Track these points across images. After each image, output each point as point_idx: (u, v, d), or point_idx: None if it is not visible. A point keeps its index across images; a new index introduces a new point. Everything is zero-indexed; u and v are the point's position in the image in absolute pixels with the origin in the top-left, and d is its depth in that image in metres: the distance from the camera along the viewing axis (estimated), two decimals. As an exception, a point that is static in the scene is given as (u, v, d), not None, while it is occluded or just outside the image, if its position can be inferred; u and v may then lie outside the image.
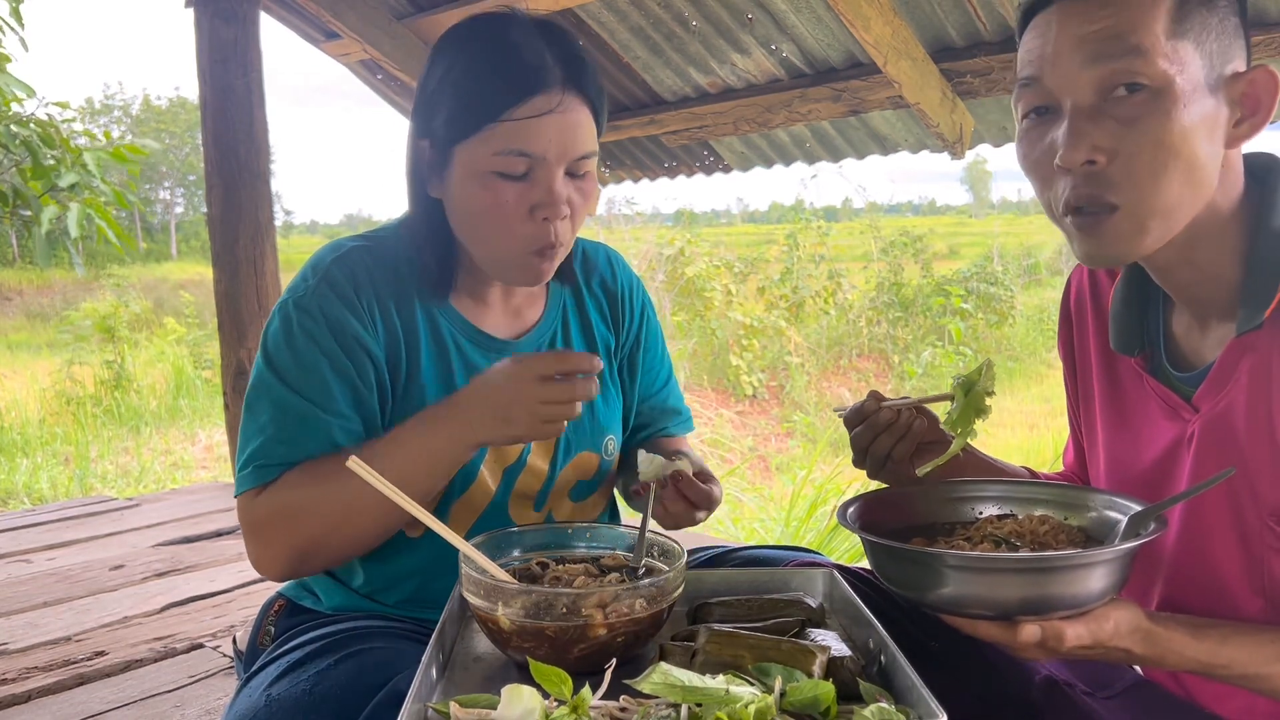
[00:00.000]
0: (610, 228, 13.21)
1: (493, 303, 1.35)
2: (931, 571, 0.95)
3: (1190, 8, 0.98)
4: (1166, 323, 1.15)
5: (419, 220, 1.28)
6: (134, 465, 7.77)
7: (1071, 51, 1.01)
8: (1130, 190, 1.00)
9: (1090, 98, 1.01)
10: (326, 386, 1.21)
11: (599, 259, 1.48)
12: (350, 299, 1.24)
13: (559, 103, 1.17)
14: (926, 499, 1.18)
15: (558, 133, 1.18)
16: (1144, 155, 0.99)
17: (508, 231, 1.21)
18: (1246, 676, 0.97)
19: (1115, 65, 0.99)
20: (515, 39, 1.19)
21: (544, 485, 1.37)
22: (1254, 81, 1.00)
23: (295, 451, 1.20)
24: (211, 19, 3.46)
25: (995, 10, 2.98)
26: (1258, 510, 1.02)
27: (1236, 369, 1.03)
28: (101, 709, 2.06)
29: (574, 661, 0.95)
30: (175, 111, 35.46)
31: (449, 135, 1.20)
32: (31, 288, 19.03)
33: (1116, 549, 0.92)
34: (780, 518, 4.80)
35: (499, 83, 1.17)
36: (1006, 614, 0.92)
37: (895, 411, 1.22)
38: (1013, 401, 10.51)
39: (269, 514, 1.19)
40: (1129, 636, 0.94)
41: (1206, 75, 0.99)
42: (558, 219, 1.20)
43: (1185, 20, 0.98)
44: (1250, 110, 1.01)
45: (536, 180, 1.19)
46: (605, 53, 3.81)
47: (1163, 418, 1.12)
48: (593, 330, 1.44)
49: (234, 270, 3.60)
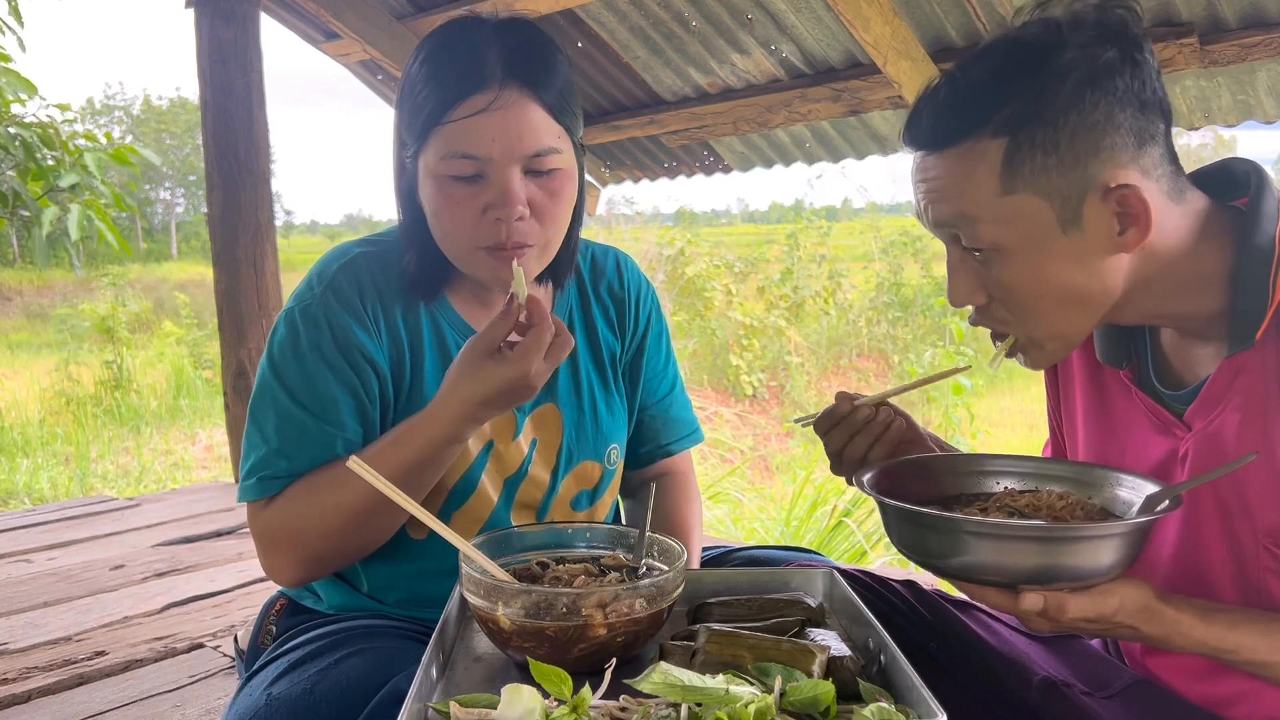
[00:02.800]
0: (610, 228, 13.21)
1: (497, 308, 1.33)
2: (943, 536, 0.95)
3: (1022, 159, 0.96)
4: (1153, 337, 1.14)
5: (408, 226, 1.28)
6: (134, 465, 7.77)
7: (926, 204, 1.04)
8: (1016, 326, 1.04)
9: (954, 248, 1.04)
10: (329, 398, 1.21)
11: (608, 263, 1.46)
12: (355, 307, 1.24)
13: (495, 99, 1.14)
14: (947, 470, 1.18)
15: (500, 130, 1.15)
16: (1010, 300, 1.02)
17: (463, 232, 1.20)
18: (1253, 663, 0.97)
19: (948, 228, 1.02)
20: (461, 41, 1.18)
21: (546, 495, 1.36)
22: (1124, 199, 0.96)
23: (298, 464, 1.21)
24: (211, 19, 3.46)
25: (995, 10, 2.98)
26: (1253, 532, 1.02)
27: (1230, 389, 1.02)
28: (101, 709, 2.06)
29: (574, 661, 0.95)
30: (175, 112, 35.47)
31: (411, 142, 1.21)
32: (31, 288, 19.03)
33: (1125, 523, 0.92)
34: (780, 518, 4.80)
35: (437, 85, 1.16)
36: (1014, 582, 0.92)
37: (873, 409, 1.21)
38: (1012, 401, 10.50)
39: (276, 528, 1.21)
40: (1136, 614, 0.93)
41: (1061, 212, 0.97)
42: (513, 219, 1.17)
43: (1017, 174, 0.96)
44: (1131, 220, 0.97)
45: (490, 181, 1.17)
46: (605, 53, 3.81)
47: (1153, 432, 1.11)
48: (598, 337, 1.42)
49: (234, 270, 3.60)
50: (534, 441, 1.34)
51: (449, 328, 1.31)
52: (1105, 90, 0.95)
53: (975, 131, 0.98)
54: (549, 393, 1.35)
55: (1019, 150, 0.96)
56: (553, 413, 1.36)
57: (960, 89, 1.00)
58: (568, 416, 1.36)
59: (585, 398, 1.38)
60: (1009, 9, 2.92)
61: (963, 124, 0.99)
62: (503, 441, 1.31)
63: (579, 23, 3.65)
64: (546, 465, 1.35)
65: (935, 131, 1.02)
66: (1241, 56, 2.76)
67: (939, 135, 1.01)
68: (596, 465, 1.39)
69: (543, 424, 1.35)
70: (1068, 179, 0.96)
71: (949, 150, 1.00)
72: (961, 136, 0.99)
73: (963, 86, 1.00)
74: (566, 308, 1.41)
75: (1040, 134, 0.95)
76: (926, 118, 1.02)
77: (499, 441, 1.31)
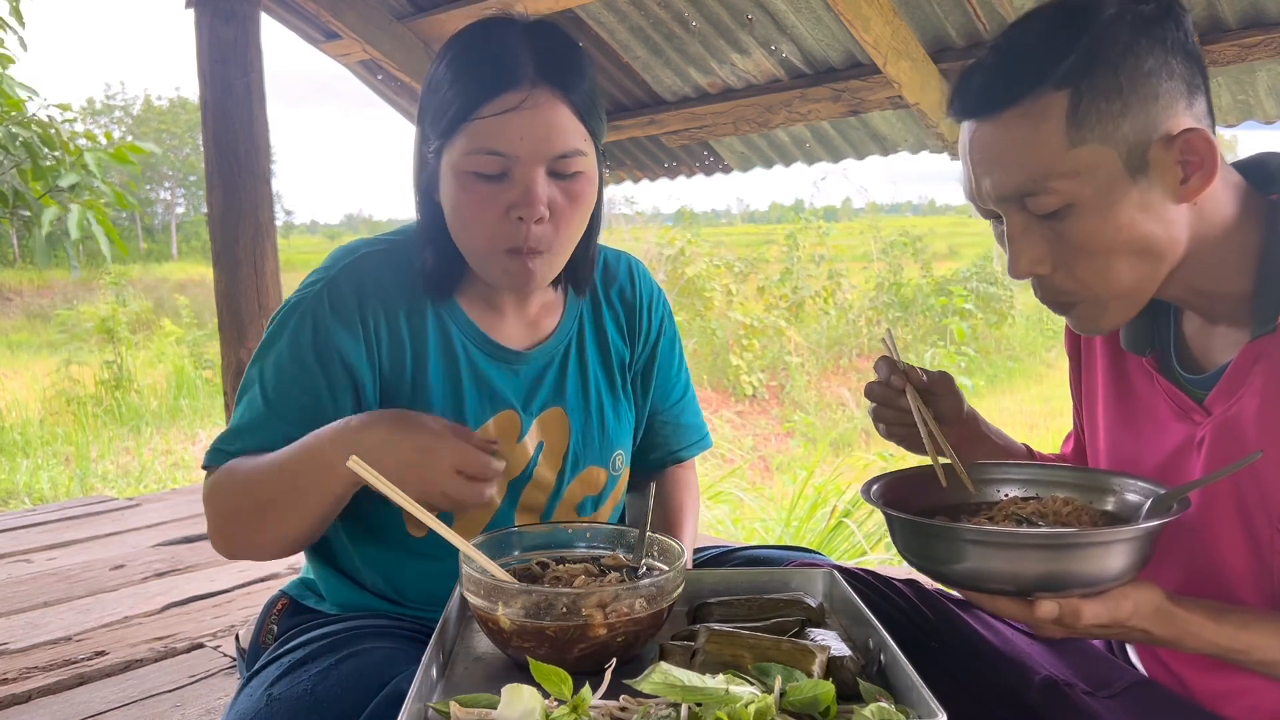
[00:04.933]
0: (610, 228, 13.22)
1: (507, 312, 1.34)
2: (952, 546, 0.95)
3: (1087, 109, 0.95)
4: (1176, 323, 1.15)
5: (425, 224, 1.28)
6: (134, 465, 7.77)
7: (983, 176, 1.02)
8: (1081, 290, 1.02)
9: (1016, 216, 1.02)
10: (289, 396, 1.23)
11: (620, 269, 1.45)
12: (349, 312, 1.24)
13: (526, 98, 1.14)
14: (956, 481, 1.17)
15: (529, 129, 1.15)
16: (1081, 263, 1.00)
17: (483, 231, 1.19)
18: (1265, 663, 0.97)
19: (1018, 194, 0.99)
20: (493, 39, 1.18)
21: (550, 499, 1.36)
22: (1189, 142, 0.96)
23: (245, 447, 1.23)
24: (211, 19, 3.46)
25: (995, 10, 2.98)
26: (1268, 517, 1.02)
27: (1250, 374, 1.02)
28: (102, 709, 2.06)
29: (574, 661, 0.95)
30: (175, 112, 35.45)
31: (436, 138, 1.20)
32: (31, 288, 19.02)
33: (1136, 528, 0.92)
34: (780, 518, 4.80)
35: (468, 82, 1.16)
36: (1025, 590, 0.92)
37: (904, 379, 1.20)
38: (1012, 401, 10.50)
39: (207, 499, 1.24)
40: (1148, 617, 0.93)
41: (1129, 160, 0.96)
42: (533, 220, 1.17)
43: (1083, 124, 0.96)
44: (1195, 167, 0.97)
45: (514, 180, 1.17)
46: (605, 53, 3.81)
47: (1172, 418, 1.12)
48: (608, 343, 1.41)
49: (234, 270, 3.60)
50: (540, 444, 1.34)
51: (456, 329, 1.30)
52: (1156, 38, 0.95)
53: (1037, 87, 0.96)
54: (557, 396, 1.35)
55: (1082, 100, 0.95)
56: (560, 416, 1.35)
57: (1012, 51, 0.99)
58: (575, 421, 1.36)
59: (593, 403, 1.38)
60: (1009, 9, 2.92)
61: (1023, 81, 0.97)
62: (508, 445, 1.31)
63: (579, 23, 3.65)
64: (552, 469, 1.35)
65: (992, 93, 0.99)
66: (1241, 56, 2.76)
67: (997, 97, 0.99)
68: (602, 471, 1.39)
69: (549, 427, 1.35)
70: (1133, 124, 0.96)
71: (1009, 111, 0.98)
72: (1023, 94, 0.97)
73: (1014, 48, 0.99)
74: (577, 313, 1.40)
75: (1102, 81, 0.95)
76: (980, 82, 1.01)
77: (504, 445, 1.30)
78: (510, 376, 1.32)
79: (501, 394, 1.31)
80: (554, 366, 1.36)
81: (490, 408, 1.30)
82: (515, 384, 1.32)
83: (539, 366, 1.34)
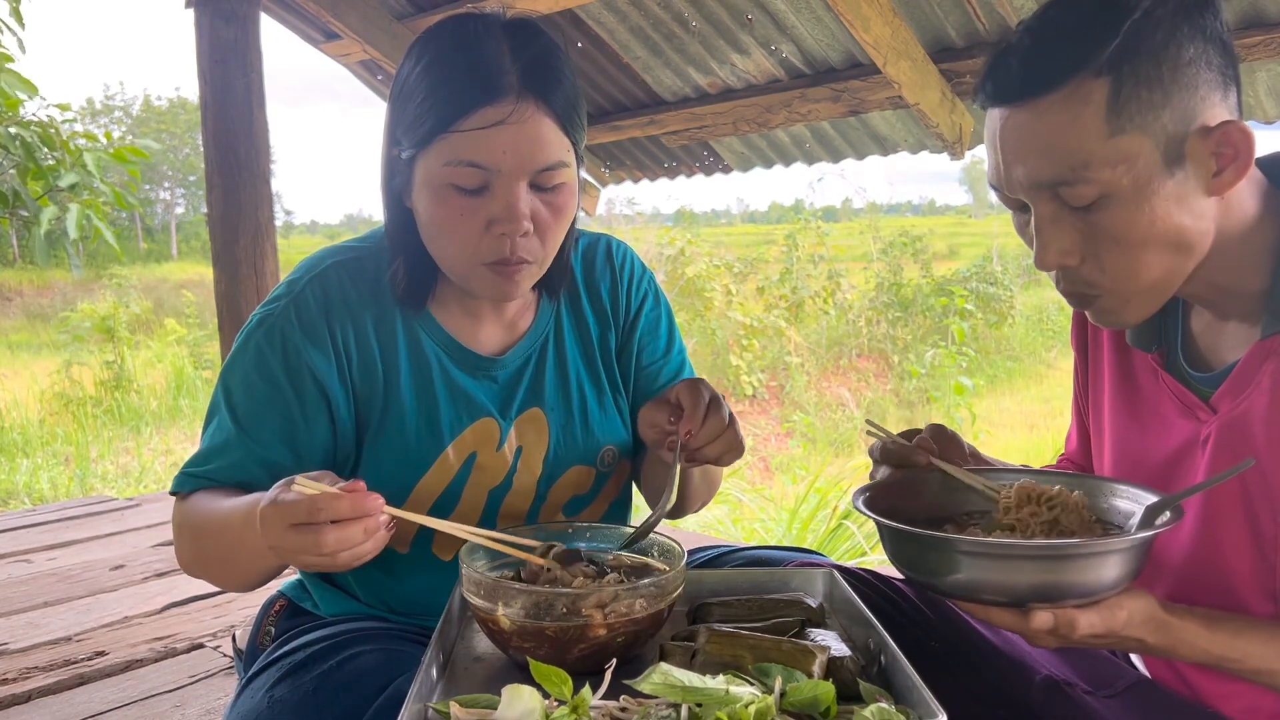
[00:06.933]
0: (610, 228, 13.22)
1: (484, 316, 1.30)
2: (945, 557, 0.94)
3: (1128, 97, 0.93)
4: (1185, 320, 1.14)
5: (394, 229, 1.24)
6: (134, 465, 7.77)
7: (1014, 164, 0.99)
8: (1108, 282, 1.01)
9: (1047, 206, 0.99)
10: (260, 416, 1.20)
11: (597, 253, 1.41)
12: (316, 327, 1.21)
13: (511, 113, 1.10)
14: (944, 487, 1.16)
15: (513, 144, 1.10)
16: (1112, 255, 0.98)
17: (464, 246, 1.16)
18: (1259, 671, 0.97)
19: (1052, 183, 0.97)
20: (473, 44, 1.12)
21: (533, 505, 1.33)
22: (1227, 134, 0.95)
23: (215, 472, 1.21)
24: (211, 19, 3.46)
25: (995, 10, 2.98)
26: (1273, 516, 1.02)
27: (1258, 373, 1.02)
28: (102, 709, 2.06)
29: (574, 661, 0.95)
30: (175, 112, 35.42)
31: (409, 144, 1.15)
32: (31, 288, 19.03)
33: (1130, 538, 0.91)
34: (781, 519, 4.80)
35: (449, 91, 1.11)
36: (1019, 600, 0.92)
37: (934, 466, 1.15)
38: (1012, 402, 10.51)
39: (175, 524, 1.25)
40: (1142, 626, 0.93)
41: (1166, 151, 0.94)
42: (517, 235, 1.13)
43: (1123, 113, 0.93)
44: (1229, 159, 0.96)
45: (495, 194, 1.12)
46: (605, 53, 3.81)
47: (1177, 416, 1.11)
48: (589, 332, 1.38)
49: (234, 270, 3.60)
50: (519, 450, 1.31)
51: (428, 338, 1.27)
52: (1197, 26, 0.94)
53: (1078, 72, 0.94)
54: (534, 397, 1.32)
55: (1124, 87, 0.93)
56: (537, 417, 1.32)
57: (1049, 35, 0.96)
58: (554, 421, 1.33)
59: (575, 401, 1.34)
60: (1009, 9, 2.92)
61: (1062, 67, 0.94)
62: (486, 453, 1.28)
63: (579, 23, 3.65)
64: (532, 474, 1.32)
65: (1029, 79, 0.95)
66: (1241, 56, 2.76)
67: (1034, 83, 0.95)
68: (588, 470, 1.35)
69: (528, 431, 1.31)
70: (1172, 114, 0.94)
71: (1048, 97, 0.95)
72: (1064, 79, 0.94)
73: (1052, 32, 0.96)
74: (554, 308, 1.36)
75: (1145, 69, 0.93)
76: (1017, 66, 0.97)
77: (482, 453, 1.28)
78: (488, 384, 1.29)
79: (478, 401, 1.28)
80: (530, 366, 1.32)
81: (467, 416, 1.27)
82: (492, 390, 1.29)
83: (515, 368, 1.31)
